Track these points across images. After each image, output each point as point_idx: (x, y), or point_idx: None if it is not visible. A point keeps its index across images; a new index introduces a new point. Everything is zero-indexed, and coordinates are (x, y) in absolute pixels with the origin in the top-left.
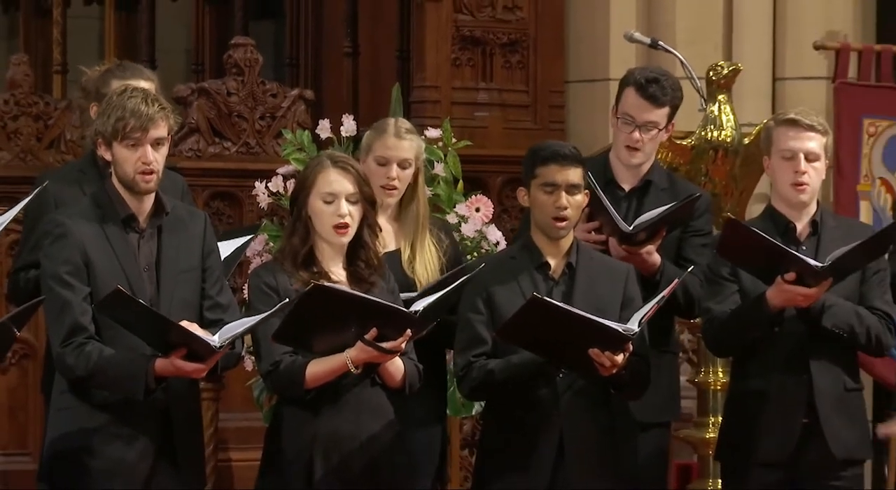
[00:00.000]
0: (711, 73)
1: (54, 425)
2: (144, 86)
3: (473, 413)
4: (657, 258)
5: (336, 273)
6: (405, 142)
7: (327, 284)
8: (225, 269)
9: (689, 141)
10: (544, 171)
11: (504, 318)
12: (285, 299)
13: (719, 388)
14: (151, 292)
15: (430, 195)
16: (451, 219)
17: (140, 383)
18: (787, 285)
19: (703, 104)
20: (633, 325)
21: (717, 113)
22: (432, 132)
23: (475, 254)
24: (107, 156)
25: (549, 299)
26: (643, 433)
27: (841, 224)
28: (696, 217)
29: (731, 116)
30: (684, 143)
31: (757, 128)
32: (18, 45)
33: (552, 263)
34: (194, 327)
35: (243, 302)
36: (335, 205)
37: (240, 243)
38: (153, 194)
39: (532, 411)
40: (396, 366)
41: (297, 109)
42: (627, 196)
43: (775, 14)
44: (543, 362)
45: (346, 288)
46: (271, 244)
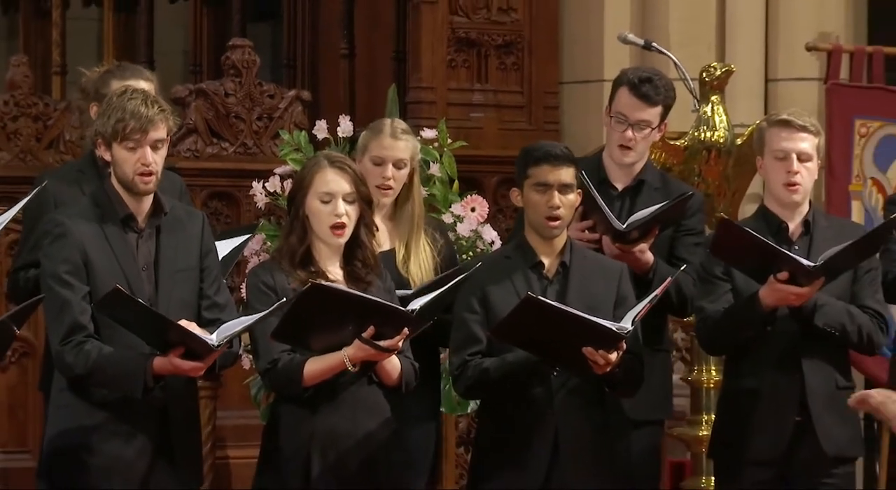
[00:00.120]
0: (704, 74)
1: (53, 423)
2: (144, 86)
3: (469, 411)
4: (650, 257)
5: (333, 272)
6: (401, 142)
7: (325, 283)
8: (223, 269)
9: (683, 141)
10: (536, 172)
11: (499, 318)
12: (283, 298)
13: (712, 386)
14: (150, 292)
15: (426, 195)
16: (447, 218)
17: (139, 381)
18: (779, 285)
19: (697, 105)
20: (627, 324)
21: (710, 114)
22: (428, 133)
23: (470, 253)
24: (106, 156)
25: (542, 299)
26: (636, 431)
27: (833, 224)
28: (689, 216)
29: (724, 117)
30: (678, 144)
31: (749, 128)
32: (18, 46)
33: (546, 263)
34: (192, 326)
35: (241, 301)
36: (332, 204)
37: (237, 243)
38: (152, 194)
39: (527, 409)
40: (393, 364)
41: (294, 110)
42: (620, 195)
43: (768, 16)
44: (538, 361)
45: (343, 287)
46: (269, 243)
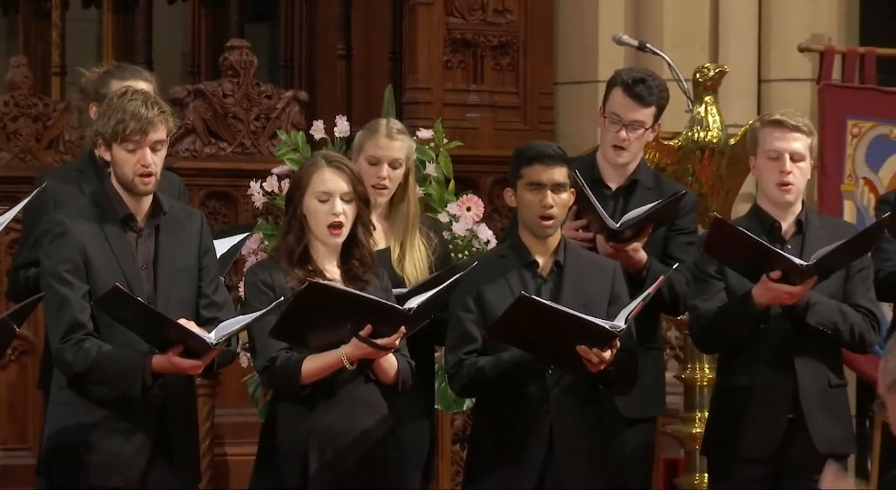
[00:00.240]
0: (698, 75)
1: (53, 420)
2: (143, 87)
3: (465, 408)
4: (643, 255)
5: (330, 271)
6: (396, 142)
7: (323, 282)
8: (220, 267)
9: (676, 142)
10: (529, 171)
11: (494, 316)
12: (281, 297)
13: (706, 383)
14: (149, 290)
15: (422, 195)
16: (443, 218)
17: (137, 379)
18: (772, 283)
19: (690, 105)
20: (620, 322)
21: (703, 114)
22: (424, 133)
23: (466, 252)
24: (106, 156)
25: (536, 298)
26: (629, 428)
27: (825, 223)
28: (682, 215)
29: (718, 117)
30: (671, 144)
31: (743, 129)
32: (18, 47)
33: (540, 262)
34: (191, 325)
35: (239, 299)
36: (330, 204)
37: (235, 242)
38: (151, 194)
39: (522, 407)
40: (390, 362)
41: (291, 110)
42: (614, 195)
43: (761, 17)
44: (533, 359)
45: (341, 285)
46: (266, 243)
